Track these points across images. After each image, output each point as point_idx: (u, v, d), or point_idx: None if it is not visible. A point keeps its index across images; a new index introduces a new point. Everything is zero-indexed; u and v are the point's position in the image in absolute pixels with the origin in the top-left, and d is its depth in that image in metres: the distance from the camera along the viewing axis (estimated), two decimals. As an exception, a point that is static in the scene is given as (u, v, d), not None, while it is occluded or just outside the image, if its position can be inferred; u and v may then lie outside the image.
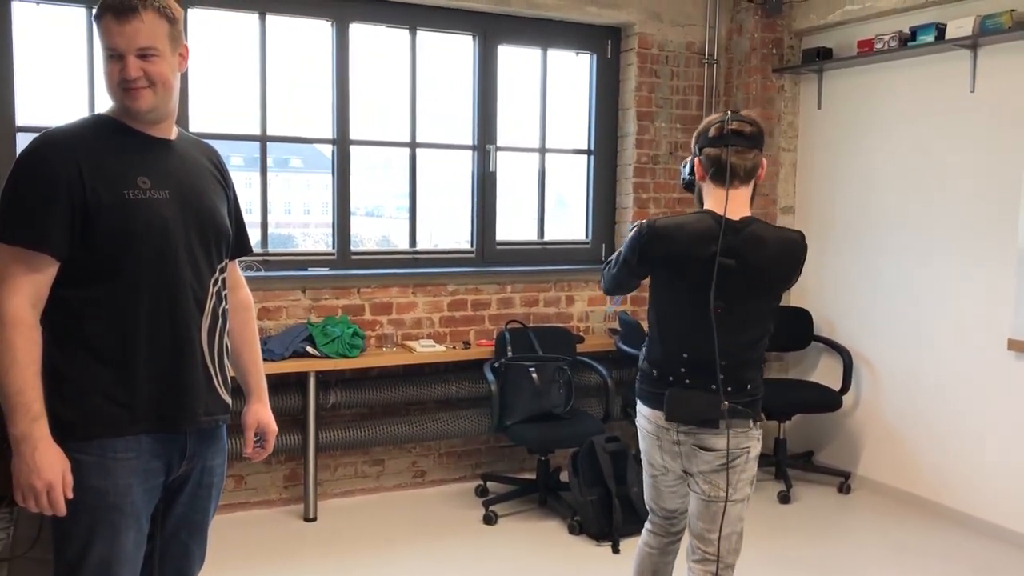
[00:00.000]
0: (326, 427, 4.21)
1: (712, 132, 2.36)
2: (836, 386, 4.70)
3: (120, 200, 1.78)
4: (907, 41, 4.33)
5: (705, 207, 2.41)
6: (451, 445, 4.67)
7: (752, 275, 2.32)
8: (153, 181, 1.83)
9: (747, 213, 2.39)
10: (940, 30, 4.17)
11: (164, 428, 1.86)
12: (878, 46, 4.45)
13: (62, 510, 1.75)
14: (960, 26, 4.06)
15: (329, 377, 4.18)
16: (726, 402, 2.33)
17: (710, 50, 5.06)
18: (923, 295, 4.41)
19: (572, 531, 3.98)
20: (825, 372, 4.93)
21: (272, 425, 2.16)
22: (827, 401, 4.66)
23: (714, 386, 2.33)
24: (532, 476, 4.41)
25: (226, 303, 2.00)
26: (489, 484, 4.49)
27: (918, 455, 4.45)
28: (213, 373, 1.94)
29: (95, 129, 1.85)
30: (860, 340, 4.74)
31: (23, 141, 3.83)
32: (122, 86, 1.81)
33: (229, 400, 2.00)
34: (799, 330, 4.90)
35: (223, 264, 1.99)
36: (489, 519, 4.11)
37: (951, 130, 4.26)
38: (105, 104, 1.92)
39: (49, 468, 1.72)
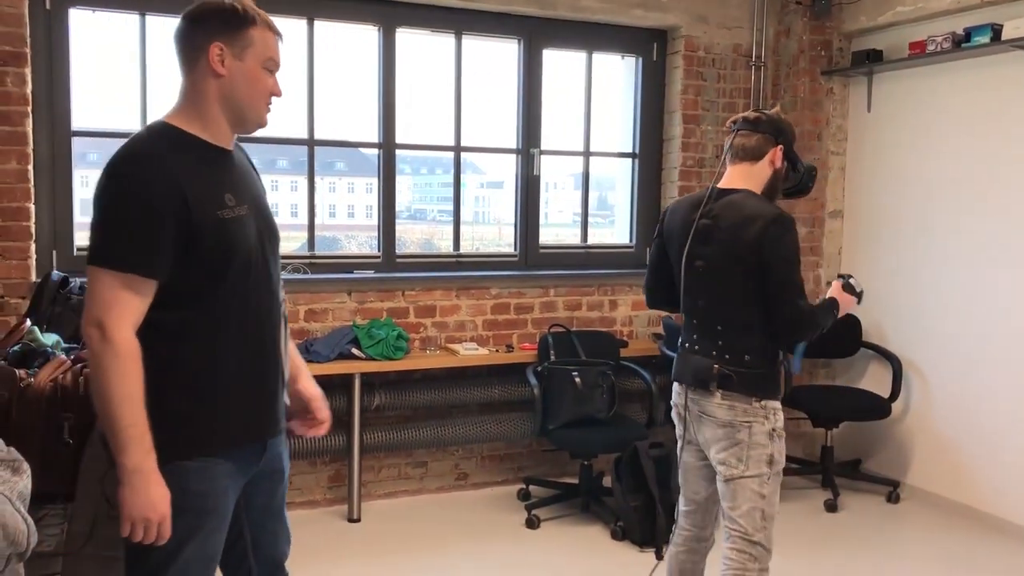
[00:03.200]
0: (370, 429, 4.24)
1: (728, 124, 2.66)
2: (885, 393, 4.62)
3: (217, 220, 1.76)
4: (961, 42, 4.24)
5: None
6: (493, 448, 4.68)
7: (723, 235, 2.47)
8: (236, 197, 1.82)
9: (750, 187, 2.53)
10: (996, 31, 4.07)
11: (254, 439, 1.92)
12: (930, 48, 4.37)
13: (167, 538, 1.76)
14: (1017, 27, 3.96)
15: (373, 379, 4.21)
16: (716, 365, 2.49)
17: (757, 52, 5.01)
18: (976, 301, 4.31)
19: (615, 536, 3.96)
20: (874, 379, 4.84)
21: (322, 399, 2.15)
22: (876, 408, 4.58)
23: (714, 352, 2.51)
24: (575, 480, 4.39)
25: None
26: (531, 488, 4.49)
27: (970, 465, 4.35)
28: (284, 375, 1.99)
29: (174, 144, 1.78)
30: (910, 347, 4.65)
31: (78, 145, 3.92)
32: (267, 100, 1.86)
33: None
34: (847, 336, 4.81)
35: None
36: (531, 523, 4.11)
37: (1007, 134, 4.16)
38: (156, 109, 1.93)
39: (162, 501, 1.73)
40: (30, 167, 3.71)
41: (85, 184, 4.13)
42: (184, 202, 1.71)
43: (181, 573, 1.83)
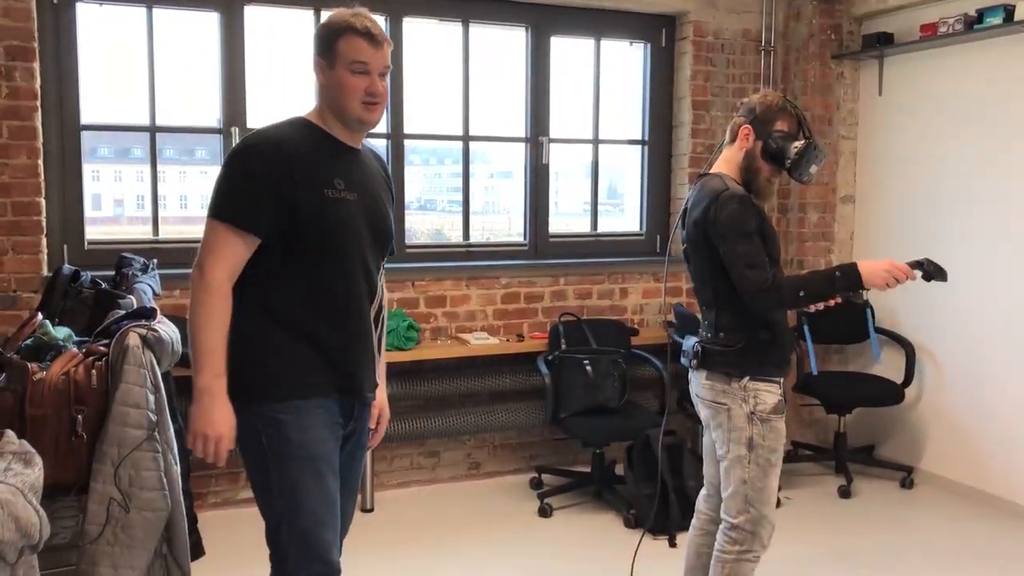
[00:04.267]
0: (382, 419, 4.24)
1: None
2: (898, 379, 4.59)
3: (321, 197, 2.01)
4: (973, 24, 4.19)
5: None
6: (505, 437, 4.68)
7: (689, 217, 2.61)
8: (346, 184, 2.06)
9: (724, 171, 2.62)
10: (1009, 11, 4.02)
11: (344, 395, 2.12)
12: (942, 30, 4.32)
13: (223, 461, 2.01)
14: (1030, 7, 3.92)
15: (385, 369, 4.20)
16: (697, 343, 2.62)
17: (767, 37, 4.97)
18: (989, 287, 4.28)
19: (628, 524, 3.97)
20: (887, 364, 4.81)
21: (387, 410, 2.41)
22: (889, 394, 4.56)
23: (700, 330, 2.66)
24: (587, 469, 4.39)
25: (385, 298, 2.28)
26: (544, 476, 4.49)
27: (985, 450, 4.33)
28: (375, 355, 2.22)
29: (301, 131, 2.07)
30: (923, 332, 4.62)
31: (88, 139, 3.93)
32: (365, 100, 2.04)
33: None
34: (860, 321, 4.79)
35: (384, 263, 2.26)
36: (544, 511, 4.11)
37: (1020, 116, 4.11)
38: (165, 102, 2.01)
39: (221, 421, 1.97)
40: (40, 161, 3.72)
41: (96, 178, 4.15)
42: (290, 175, 1.98)
43: (311, 514, 2.03)
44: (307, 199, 2.00)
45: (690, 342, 2.67)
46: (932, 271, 2.50)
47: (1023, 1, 3.96)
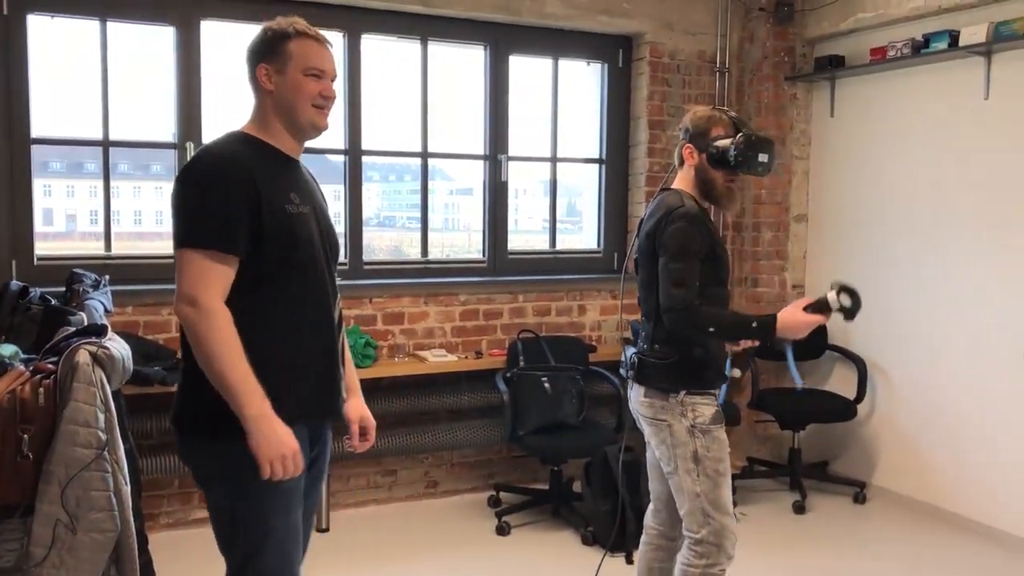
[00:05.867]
0: (338, 437, 4.19)
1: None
2: (851, 395, 4.67)
3: (284, 213, 1.95)
4: (920, 48, 4.31)
5: None
6: (463, 455, 4.66)
7: (642, 227, 2.65)
8: (300, 197, 2.01)
9: (682, 187, 2.67)
10: (953, 37, 4.15)
11: (314, 419, 2.07)
12: (891, 54, 4.44)
13: (301, 468, 1.93)
14: (973, 33, 4.04)
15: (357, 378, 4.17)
16: (635, 355, 2.63)
17: (721, 59, 5.05)
18: (938, 304, 4.38)
19: (585, 541, 3.97)
20: (839, 381, 4.90)
21: (372, 419, 2.32)
22: (842, 410, 4.63)
23: (639, 342, 2.66)
24: (545, 486, 4.39)
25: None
26: (502, 494, 4.48)
27: (935, 465, 4.41)
28: (341, 373, 2.15)
29: (248, 147, 1.99)
30: (875, 349, 4.71)
31: (38, 153, 3.86)
32: (318, 104, 2.01)
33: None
34: (813, 339, 4.81)
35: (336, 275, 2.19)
36: (502, 530, 4.10)
37: (965, 138, 4.23)
38: (119, 116, 1.96)
39: (289, 436, 1.90)
40: (-12, 176, 3.65)
41: (48, 193, 4.07)
42: (257, 192, 1.91)
43: (278, 546, 1.97)
44: (272, 216, 1.93)
45: (629, 351, 2.69)
46: (850, 307, 2.50)
47: (967, 27, 4.09)
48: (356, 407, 2.28)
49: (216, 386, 1.86)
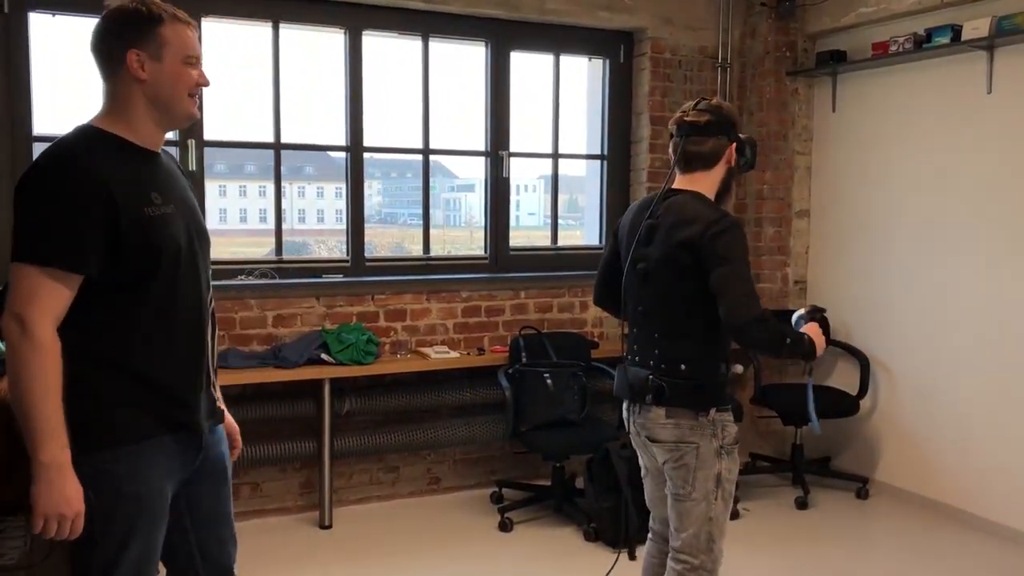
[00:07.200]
0: (341, 434, 4.21)
1: (672, 125, 2.51)
2: (853, 390, 4.66)
3: (143, 217, 1.78)
4: (922, 43, 4.30)
5: None
6: (466, 452, 4.66)
7: (662, 235, 2.38)
8: (162, 196, 1.84)
9: (700, 190, 2.44)
10: (956, 31, 4.13)
11: (183, 429, 1.91)
12: (893, 48, 4.43)
13: (78, 533, 1.76)
14: (976, 27, 4.02)
15: (343, 384, 4.18)
16: (651, 375, 2.39)
17: (723, 54, 5.04)
18: (941, 298, 4.37)
19: (588, 538, 3.97)
20: (842, 376, 4.89)
21: (237, 433, 2.20)
22: (844, 406, 4.62)
23: (651, 362, 2.41)
24: (547, 483, 4.39)
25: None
26: (504, 491, 4.48)
27: (938, 460, 4.41)
28: (213, 376, 2.02)
29: (100, 144, 1.80)
30: (877, 344, 4.71)
31: (40, 150, 3.85)
32: (194, 92, 1.87)
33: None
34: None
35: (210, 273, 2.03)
36: (504, 526, 4.10)
37: (968, 132, 4.22)
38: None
39: (76, 496, 1.73)
40: (-10, 174, 3.65)
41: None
42: (111, 198, 1.73)
43: (132, 567, 1.83)
44: (131, 224, 1.74)
45: (637, 374, 2.43)
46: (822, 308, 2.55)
47: (969, 21, 4.07)
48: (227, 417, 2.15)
49: (17, 416, 1.70)
